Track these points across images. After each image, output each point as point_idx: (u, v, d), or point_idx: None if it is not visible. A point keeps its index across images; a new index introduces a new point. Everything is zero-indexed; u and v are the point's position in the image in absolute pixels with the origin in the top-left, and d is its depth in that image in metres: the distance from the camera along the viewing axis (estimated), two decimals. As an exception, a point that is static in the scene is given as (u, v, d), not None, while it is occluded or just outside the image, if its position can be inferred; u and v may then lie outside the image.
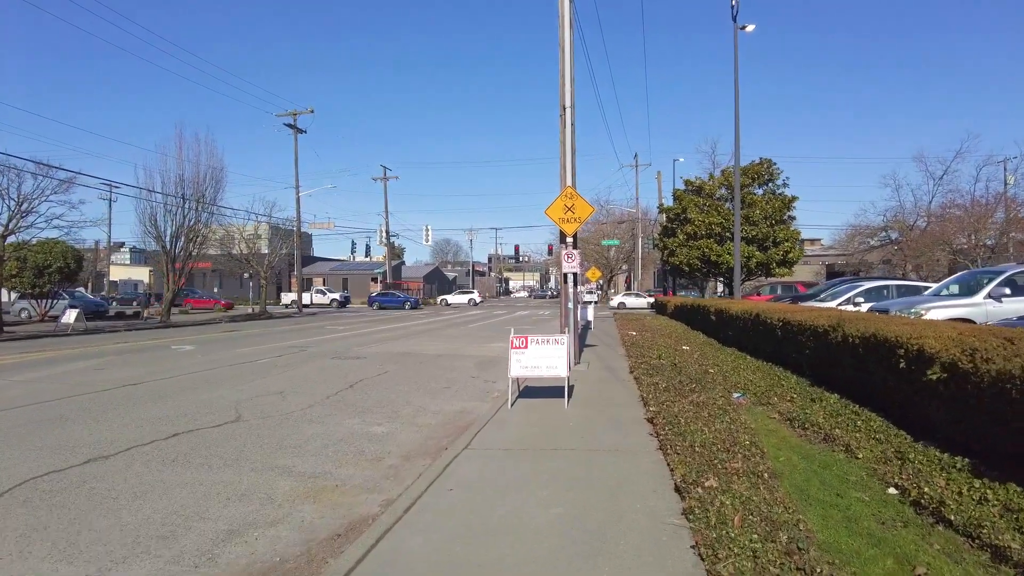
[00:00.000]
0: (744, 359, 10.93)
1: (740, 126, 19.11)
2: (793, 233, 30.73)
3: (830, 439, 5.63)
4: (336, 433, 6.45)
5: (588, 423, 6.46)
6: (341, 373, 10.81)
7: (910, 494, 4.07)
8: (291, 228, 43.98)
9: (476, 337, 19.03)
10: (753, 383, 8.58)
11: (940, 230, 43.50)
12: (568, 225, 10.99)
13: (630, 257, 66.59)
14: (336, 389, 9.12)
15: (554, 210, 11.05)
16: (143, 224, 27.68)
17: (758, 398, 7.72)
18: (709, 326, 15.58)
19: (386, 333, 20.71)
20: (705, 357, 11.60)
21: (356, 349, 14.97)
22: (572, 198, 10.97)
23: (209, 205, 29.35)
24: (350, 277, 68.38)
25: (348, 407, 7.81)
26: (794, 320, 8.56)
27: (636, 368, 10.00)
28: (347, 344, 16.40)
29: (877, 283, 14.12)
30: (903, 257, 45.62)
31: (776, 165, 32.02)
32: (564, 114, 11.33)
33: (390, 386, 9.45)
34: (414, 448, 5.93)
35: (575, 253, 11.04)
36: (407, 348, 15.29)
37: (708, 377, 9.22)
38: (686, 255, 31.12)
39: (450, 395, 8.81)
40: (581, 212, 10.94)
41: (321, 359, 12.87)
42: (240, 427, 6.68)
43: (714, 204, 31.57)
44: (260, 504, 4.35)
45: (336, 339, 18.23)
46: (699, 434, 5.51)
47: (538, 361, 7.45)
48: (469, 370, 11.38)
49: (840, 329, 6.85)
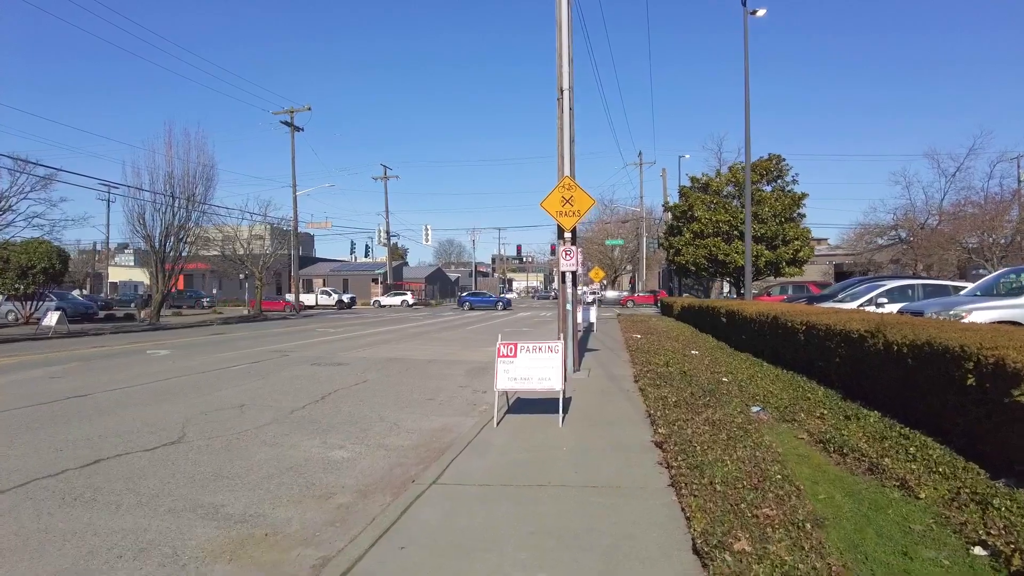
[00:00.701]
0: (760, 366, 9.91)
1: (749, 119, 18.09)
2: (803, 231, 29.64)
3: (878, 470, 4.62)
4: (288, 459, 5.48)
5: (585, 448, 5.46)
6: (316, 382, 9.85)
7: (1008, 560, 3.06)
8: (289, 228, 43.07)
9: (472, 340, 18.05)
10: (774, 395, 7.58)
11: (954, 228, 42.34)
12: (566, 219, 10.00)
13: (634, 257, 65.58)
14: (305, 402, 8.15)
15: (551, 202, 10.06)
16: (131, 223, 26.85)
17: (781, 413, 6.71)
18: (720, 329, 14.55)
19: (379, 336, 19.75)
20: (717, 363, 10.59)
21: (341, 354, 14.01)
22: (570, 189, 9.99)
23: (200, 203, 28.48)
24: (351, 278, 67.51)
25: (312, 424, 6.84)
26: (820, 324, 7.54)
27: (641, 376, 9.00)
28: (333, 348, 15.44)
29: (901, 282, 13.08)
30: (913, 256, 44.50)
31: (785, 161, 30.94)
32: (562, 97, 10.34)
33: (366, 398, 8.48)
34: (376, 479, 4.95)
35: (574, 250, 10.05)
36: (396, 353, 14.32)
37: (722, 388, 8.21)
38: (692, 254, 30.06)
39: (432, 408, 7.83)
40: (580, 204, 9.95)
41: (299, 366, 11.91)
42: (178, 451, 5.72)
43: (721, 201, 30.51)
44: (158, 565, 3.37)
45: (324, 343, 17.28)
46: (719, 465, 4.52)
47: (529, 372, 6.46)
48: (458, 378, 10.40)
49: (880, 335, 5.84)
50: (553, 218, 10.06)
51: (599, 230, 66.46)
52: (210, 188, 28.88)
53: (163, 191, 26.71)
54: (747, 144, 17.86)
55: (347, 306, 53.16)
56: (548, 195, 10.10)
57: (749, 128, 17.35)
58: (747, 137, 17.67)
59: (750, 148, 17.91)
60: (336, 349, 15.24)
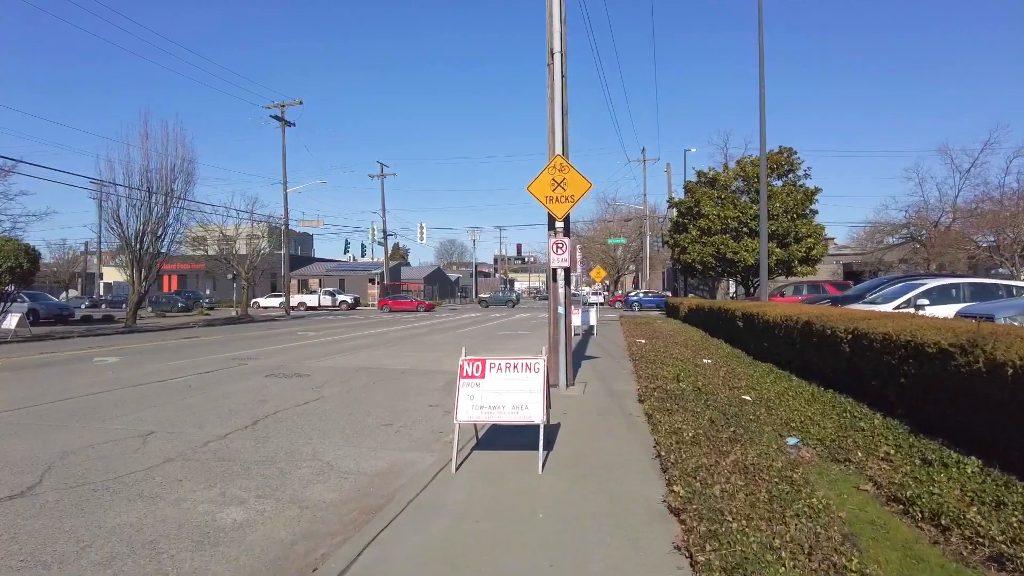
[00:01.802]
0: (788, 380, 8.31)
1: (764, 100, 16.48)
2: (816, 228, 27.99)
3: (1011, 565, 3.05)
4: (157, 523, 3.92)
5: (570, 514, 3.88)
6: (260, 400, 8.28)
7: None
8: (279, 226, 41.54)
9: (461, 346, 16.45)
10: (813, 422, 6.00)
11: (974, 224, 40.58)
12: (557, 206, 8.42)
13: (637, 257, 63.90)
14: (231, 428, 6.59)
15: (539, 186, 8.48)
16: (105, 220, 25.35)
17: (828, 449, 5.14)
18: (735, 334, 12.95)
19: (362, 340, 18.20)
20: (735, 376, 9.00)
21: (308, 363, 12.45)
22: (563, 170, 8.41)
23: (179, 199, 26.98)
24: (347, 278, 66.06)
25: (222, 464, 5.28)
26: (874, 333, 5.95)
27: (648, 395, 7.41)
28: (304, 355, 13.89)
29: (943, 281, 11.45)
30: (925, 255, 42.77)
31: (797, 155, 29.28)
32: (552, 62, 8.76)
33: (309, 423, 6.91)
34: (258, 568, 3.38)
35: (567, 243, 8.47)
36: (371, 361, 12.76)
37: (747, 411, 6.63)
38: (699, 252, 28.42)
39: (386, 439, 6.26)
40: (575, 188, 8.37)
41: (252, 377, 10.35)
42: (10, 509, 4.16)
43: (730, 197, 28.87)
44: None
45: (298, 348, 15.74)
46: (769, 559, 2.94)
47: (500, 398, 4.89)
48: (432, 394, 8.83)
49: (978, 351, 4.25)
50: (542, 205, 8.49)
51: (601, 229, 64.89)
52: (190, 183, 27.40)
53: (138, 186, 25.20)
54: (762, 126, 16.22)
55: (352, 307, 51.54)
56: (536, 177, 8.53)
57: (764, 110, 15.73)
58: (762, 118, 16.05)
59: (764, 131, 16.28)
60: (306, 356, 13.68)
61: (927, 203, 43.95)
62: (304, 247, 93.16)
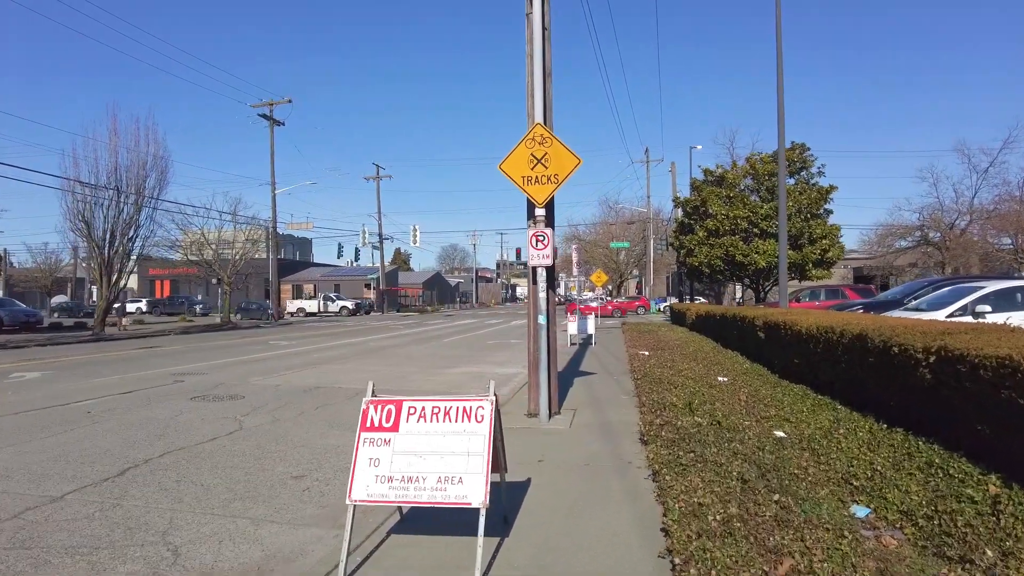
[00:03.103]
0: (832, 409, 6.49)
1: (778, 90, 14.73)
2: (832, 229, 26.06)
3: None
4: None
5: None
6: (155, 435, 6.50)
7: None
8: (266, 226, 39.85)
9: (441, 358, 14.69)
10: (887, 479, 4.21)
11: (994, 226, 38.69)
12: (537, 188, 6.65)
13: (640, 261, 62.04)
14: (79, 483, 4.81)
15: (514, 163, 6.71)
16: (70, 219, 23.70)
17: (924, 533, 3.36)
18: (753, 345, 11.13)
19: (332, 351, 16.43)
20: (760, 400, 7.19)
21: (253, 380, 10.68)
22: (544, 143, 6.64)
23: (151, 198, 25.33)
24: (343, 283, 64.35)
25: (7, 555, 3.50)
26: (978, 355, 4.13)
27: (653, 433, 5.59)
28: (256, 370, 12.12)
29: (1005, 284, 9.61)
30: (941, 258, 40.89)
31: (810, 151, 27.45)
32: (531, 11, 7.00)
33: (195, 474, 5.11)
34: None
35: (548, 235, 6.67)
36: (328, 378, 10.97)
37: (787, 457, 4.83)
38: (706, 255, 26.56)
39: (285, 501, 4.46)
40: (559, 165, 6.59)
41: (174, 401, 8.57)
42: None
43: (739, 195, 27.04)
44: None
45: (257, 360, 13.99)
46: None
47: (422, 463, 3.10)
48: (380, 425, 7.02)
49: None
50: (518, 187, 6.71)
51: (603, 232, 63.14)
52: (164, 181, 25.76)
53: (105, 184, 23.56)
54: (780, 108, 14.42)
55: (353, 312, 49.76)
56: (510, 152, 6.75)
57: (782, 92, 13.95)
58: (780, 99, 14.25)
59: (783, 113, 14.47)
60: (259, 371, 11.90)
61: (942, 204, 42.06)
62: (303, 252, 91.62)
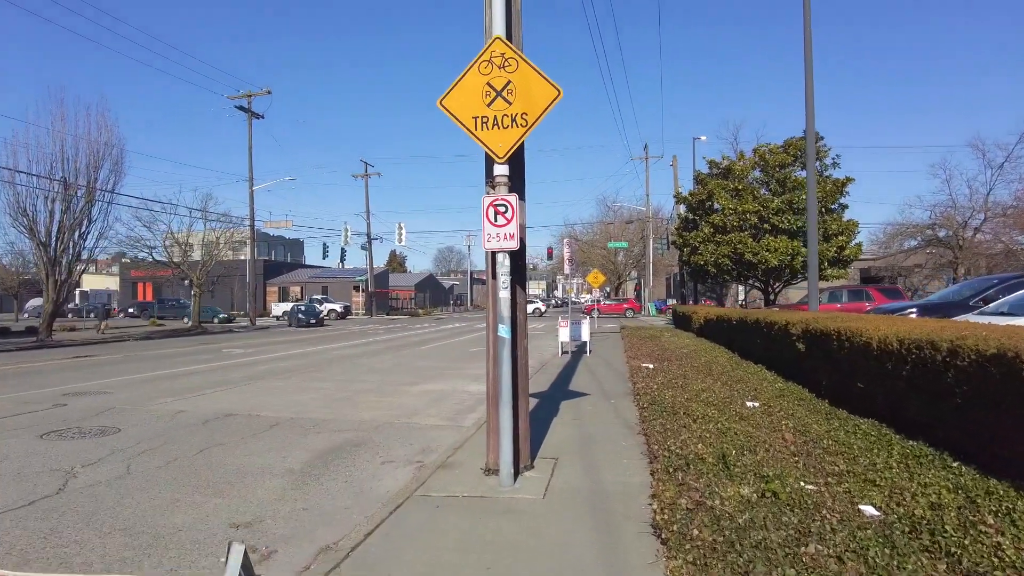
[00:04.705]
0: (943, 466, 4.30)
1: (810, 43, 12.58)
2: (849, 224, 23.90)
3: None
4: None
5: None
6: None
7: None
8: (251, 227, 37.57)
9: (408, 370, 12.47)
10: None
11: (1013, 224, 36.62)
12: (496, 134, 4.45)
13: (639, 262, 59.86)
14: None
15: (462, 97, 4.52)
16: (11, 214, 21.41)
17: None
18: (786, 358, 8.93)
19: (283, 362, 14.21)
20: (815, 443, 5.01)
21: (159, 402, 8.46)
22: (507, 66, 4.44)
23: (104, 191, 23.05)
24: (331, 285, 62.01)
25: None
26: None
27: (676, 528, 3.38)
28: (172, 388, 9.89)
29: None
30: (953, 258, 38.85)
31: (823, 140, 25.30)
32: None
33: None
34: None
35: (512, 205, 4.44)
36: (253, 400, 8.74)
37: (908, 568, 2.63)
38: (713, 253, 24.38)
39: None
40: (528, 100, 4.40)
41: (15, 438, 6.33)
42: None
43: (748, 188, 24.86)
44: None
45: (184, 375, 11.75)
46: None
47: None
48: (272, 480, 4.82)
49: None
50: (467, 132, 4.51)
51: (601, 232, 61.02)
52: (119, 173, 23.47)
53: (48, 174, 21.29)
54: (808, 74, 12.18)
55: (342, 316, 47.40)
56: (456, 81, 4.55)
57: (810, 51, 11.75)
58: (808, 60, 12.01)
59: (811, 83, 12.22)
60: (171, 390, 9.65)
61: (955, 202, 40.01)
62: (294, 253, 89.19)
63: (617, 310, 43.27)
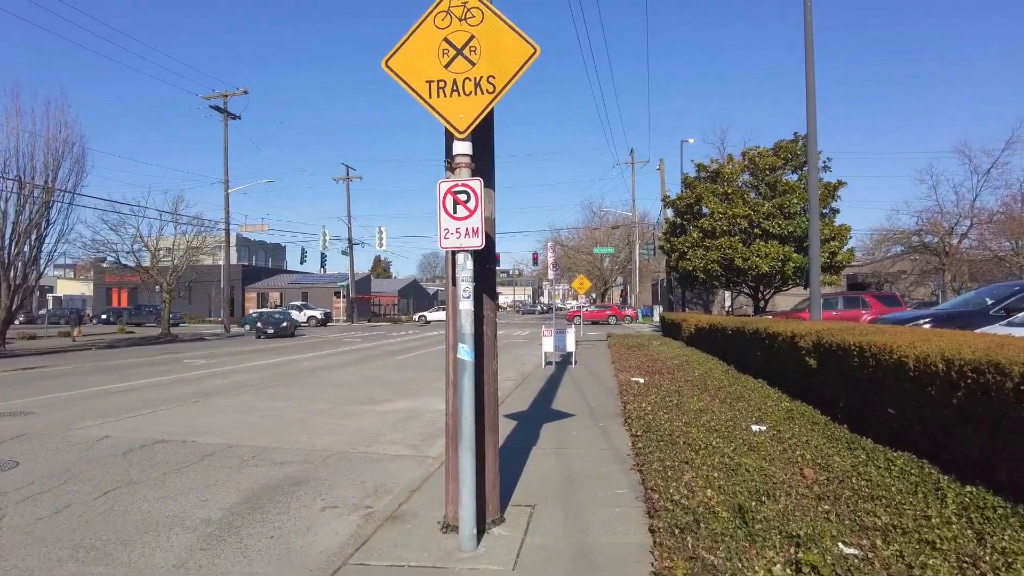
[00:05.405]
0: (1020, 523, 3.43)
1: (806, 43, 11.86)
2: (840, 229, 23.34)
3: None
4: None
5: None
6: None
7: None
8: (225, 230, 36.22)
9: (377, 385, 11.47)
10: None
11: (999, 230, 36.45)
12: (456, 102, 3.52)
13: (625, 268, 59.25)
14: None
15: (414, 56, 3.58)
16: (-41, 216, 20.03)
17: None
18: (792, 374, 8.09)
19: (242, 376, 13.14)
20: (842, 483, 4.14)
21: (80, 426, 7.38)
22: (470, 17, 3.52)
23: (64, 191, 21.75)
24: (310, 290, 60.60)
25: None
26: None
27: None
28: (110, 407, 8.80)
29: None
30: (940, 264, 38.69)
31: (814, 144, 24.70)
32: None
33: None
34: None
35: (475, 192, 3.51)
36: (190, 424, 7.70)
37: None
38: (702, 258, 23.63)
39: None
40: (496, 59, 3.47)
41: None
42: None
43: (738, 191, 24.21)
44: None
45: (126, 391, 10.64)
46: None
47: None
48: (188, 533, 3.82)
49: None
50: (420, 100, 3.58)
51: (587, 237, 60.39)
52: (80, 172, 22.19)
53: (2, 173, 19.98)
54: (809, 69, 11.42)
55: (322, 323, 45.96)
56: (407, 35, 3.62)
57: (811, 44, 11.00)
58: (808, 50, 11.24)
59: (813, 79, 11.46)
60: (103, 410, 8.56)
61: (942, 208, 39.85)
62: (275, 258, 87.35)
63: (600, 316, 42.47)
